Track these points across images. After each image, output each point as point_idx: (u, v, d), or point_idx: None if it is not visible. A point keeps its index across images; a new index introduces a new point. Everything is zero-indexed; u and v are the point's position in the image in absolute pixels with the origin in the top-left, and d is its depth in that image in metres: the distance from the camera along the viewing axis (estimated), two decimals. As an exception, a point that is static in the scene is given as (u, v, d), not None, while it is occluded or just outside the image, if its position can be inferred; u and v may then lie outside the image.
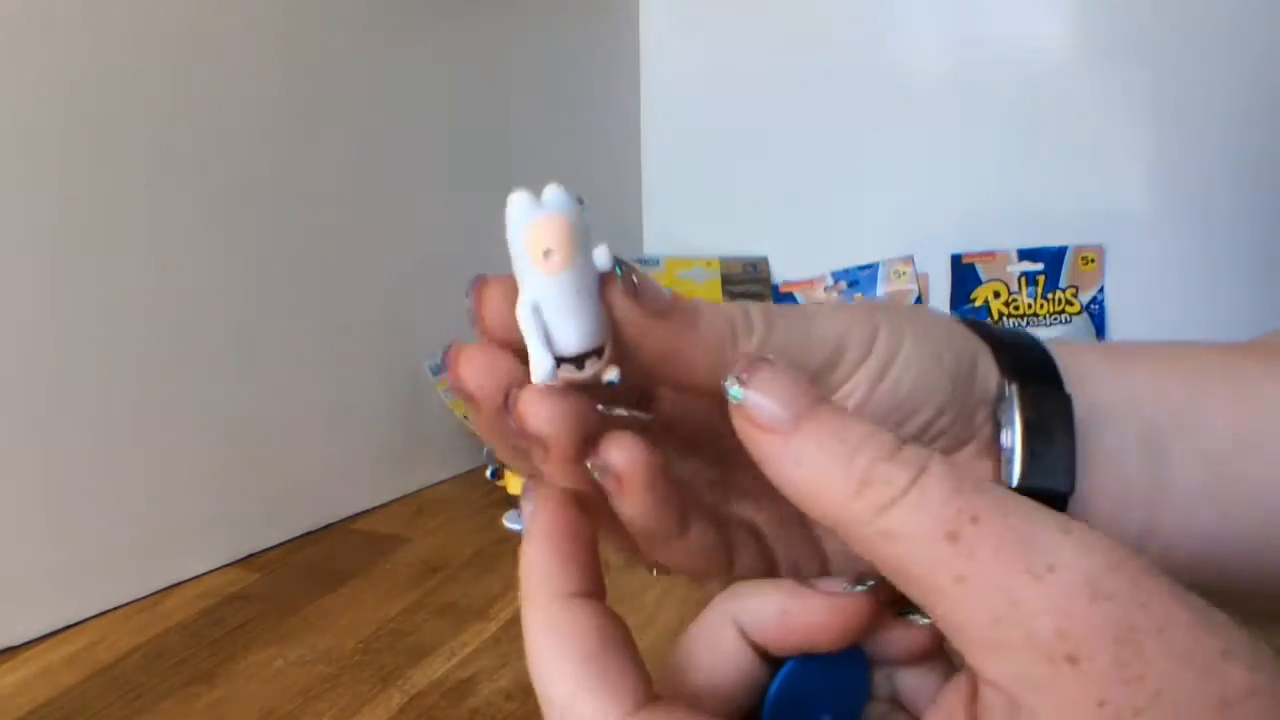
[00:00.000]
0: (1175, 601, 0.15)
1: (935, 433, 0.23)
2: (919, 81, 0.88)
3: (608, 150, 0.98)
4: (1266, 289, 0.79)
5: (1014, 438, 0.23)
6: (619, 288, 0.19)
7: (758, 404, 0.18)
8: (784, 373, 0.18)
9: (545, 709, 0.19)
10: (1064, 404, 0.24)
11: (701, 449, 0.24)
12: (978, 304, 0.87)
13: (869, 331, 0.22)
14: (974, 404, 0.24)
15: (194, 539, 0.57)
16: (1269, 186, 0.77)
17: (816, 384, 0.22)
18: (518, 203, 0.19)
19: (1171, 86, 0.79)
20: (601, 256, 0.19)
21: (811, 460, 0.17)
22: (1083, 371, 0.25)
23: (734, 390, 0.18)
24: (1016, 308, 0.86)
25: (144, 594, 0.54)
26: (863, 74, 0.90)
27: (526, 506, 0.21)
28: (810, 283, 0.91)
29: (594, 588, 0.20)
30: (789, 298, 0.91)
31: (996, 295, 0.86)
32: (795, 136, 0.94)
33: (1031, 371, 0.24)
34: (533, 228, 0.18)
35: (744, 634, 0.20)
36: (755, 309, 0.22)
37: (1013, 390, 0.23)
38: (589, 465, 0.20)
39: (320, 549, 0.62)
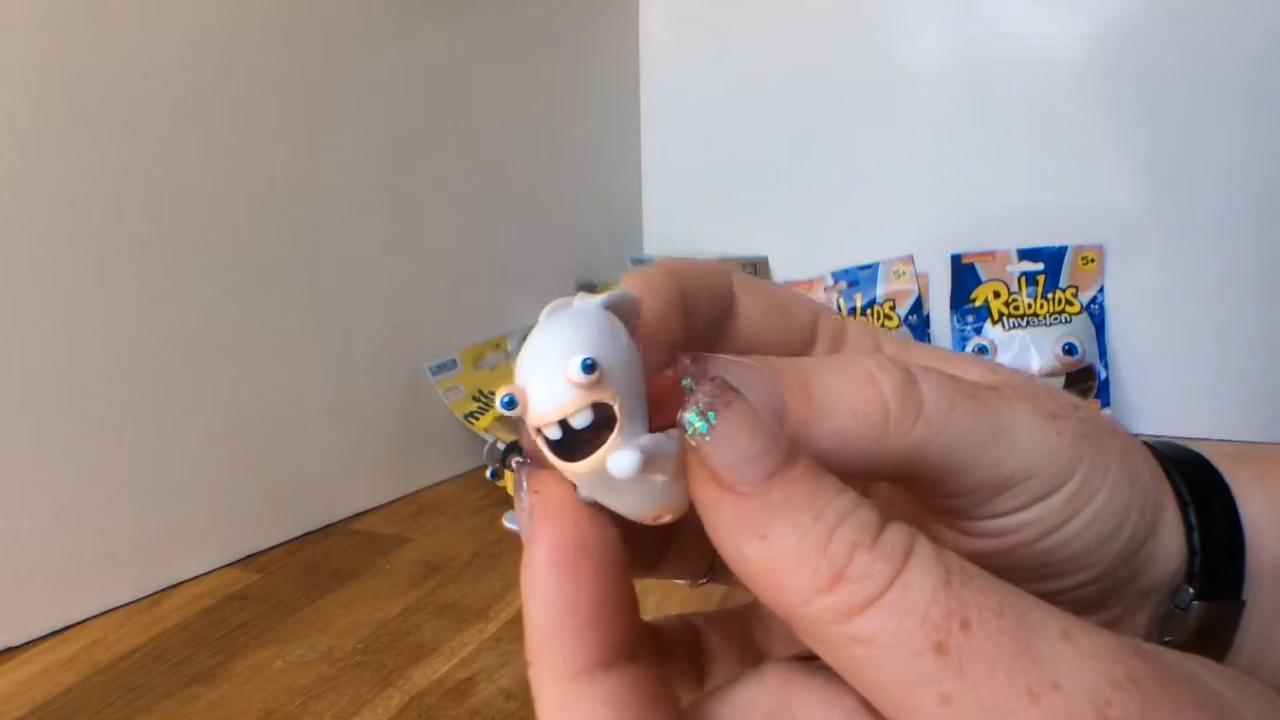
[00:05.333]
0: (1198, 716, 0.13)
1: (1066, 600, 0.19)
2: (919, 81, 0.88)
3: (608, 150, 0.98)
4: (1267, 289, 0.79)
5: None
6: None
7: (724, 448, 0.14)
8: (757, 415, 0.15)
9: None
10: (1238, 612, 0.21)
11: None
12: (978, 304, 0.87)
13: (1069, 460, 0.18)
14: (1119, 583, 0.20)
15: (194, 539, 0.57)
16: (1269, 186, 0.77)
17: (964, 507, 0.18)
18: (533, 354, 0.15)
19: (1172, 86, 0.79)
20: (619, 465, 0.14)
21: (778, 537, 0.14)
22: (1247, 525, 0.21)
23: (694, 420, 0.14)
24: (1016, 308, 0.86)
25: (144, 594, 0.54)
26: (863, 74, 0.90)
27: (521, 512, 0.16)
28: (810, 282, 0.91)
29: (627, 641, 0.15)
30: (789, 298, 0.91)
31: (996, 295, 0.86)
32: (796, 136, 0.94)
33: (1223, 570, 0.20)
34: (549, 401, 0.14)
35: None
36: (926, 378, 0.17)
37: (1196, 607, 0.20)
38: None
39: (320, 549, 0.62)
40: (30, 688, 0.45)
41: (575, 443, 0.14)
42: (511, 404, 0.14)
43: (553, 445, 0.15)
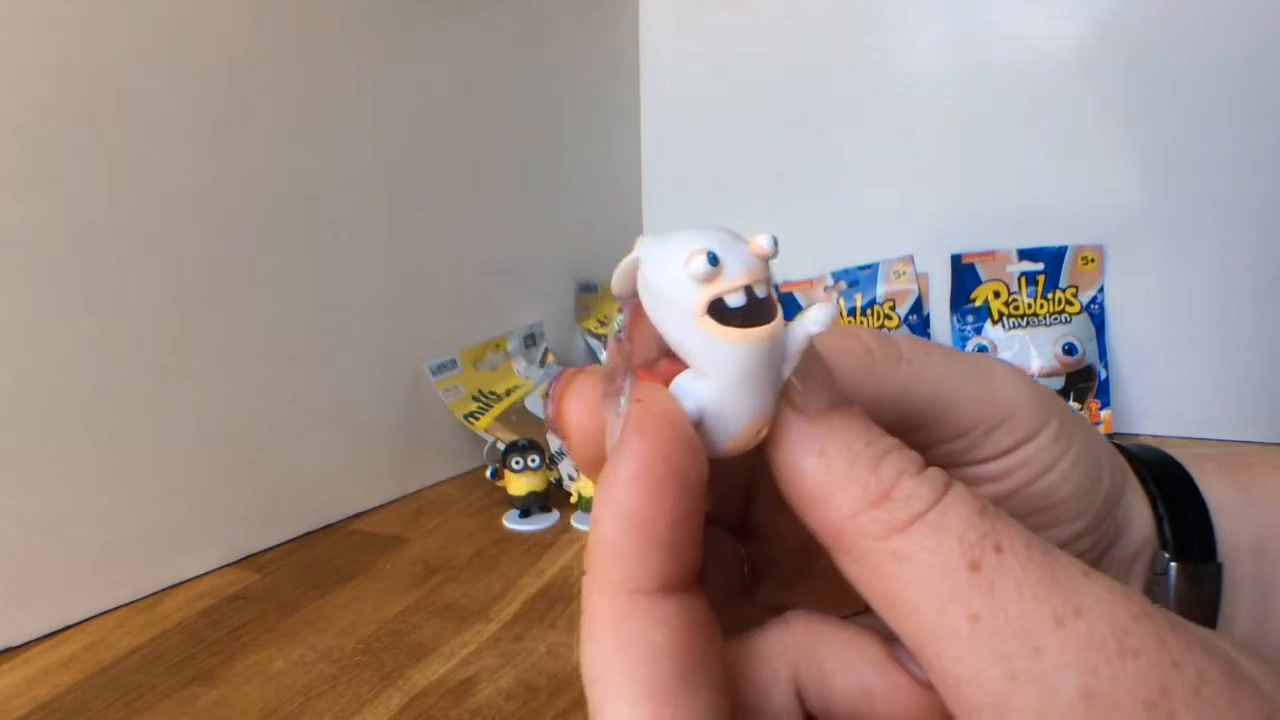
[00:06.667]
0: (1208, 658, 0.13)
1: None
2: (918, 81, 0.88)
3: (608, 150, 0.98)
4: (1267, 288, 0.79)
5: None
6: (799, 383, 0.16)
7: (797, 375, 0.16)
8: (820, 358, 0.16)
9: None
10: (1216, 578, 0.22)
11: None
12: (978, 304, 0.87)
13: (1045, 405, 0.20)
14: (1108, 540, 0.22)
15: (194, 539, 0.57)
16: (1269, 186, 0.77)
17: (965, 448, 0.20)
18: (695, 244, 0.15)
19: (1171, 86, 0.79)
20: (823, 315, 0.15)
21: (835, 455, 0.15)
22: (1214, 504, 0.23)
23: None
24: (1016, 308, 0.86)
25: (144, 594, 0.54)
26: (863, 74, 0.90)
27: (613, 419, 0.16)
28: (810, 283, 0.91)
29: (689, 569, 0.15)
30: (789, 298, 0.91)
31: (996, 295, 0.86)
32: (795, 136, 0.94)
33: (1190, 533, 0.22)
34: (738, 278, 0.15)
35: (801, 698, 0.16)
36: (903, 338, 0.19)
37: (1173, 569, 0.22)
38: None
39: (320, 549, 0.62)
40: (30, 688, 0.45)
41: (736, 322, 0.15)
42: (715, 260, 0.16)
43: (725, 316, 0.15)
